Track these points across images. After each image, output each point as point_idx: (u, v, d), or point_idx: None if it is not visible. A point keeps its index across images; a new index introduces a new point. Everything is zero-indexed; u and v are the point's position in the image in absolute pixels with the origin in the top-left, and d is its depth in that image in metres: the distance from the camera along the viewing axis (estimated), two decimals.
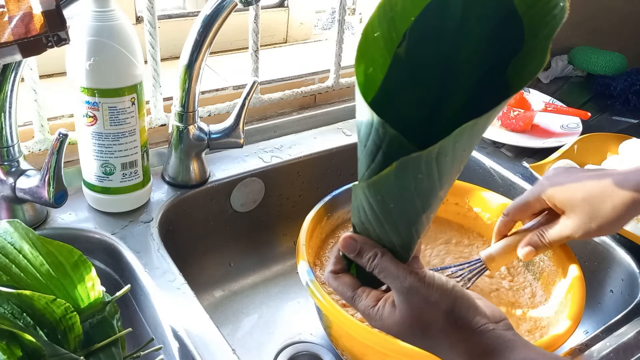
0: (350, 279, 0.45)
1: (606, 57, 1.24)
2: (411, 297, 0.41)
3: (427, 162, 0.34)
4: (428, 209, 0.39)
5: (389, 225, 0.41)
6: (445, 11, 0.36)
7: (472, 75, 0.39)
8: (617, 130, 1.04)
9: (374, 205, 0.39)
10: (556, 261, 0.69)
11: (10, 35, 0.51)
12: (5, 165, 0.62)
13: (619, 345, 0.61)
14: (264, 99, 0.90)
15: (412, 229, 0.41)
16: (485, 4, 0.35)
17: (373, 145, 0.36)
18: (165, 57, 0.92)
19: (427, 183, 0.36)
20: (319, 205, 0.72)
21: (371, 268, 0.43)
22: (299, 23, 1.09)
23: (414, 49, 0.38)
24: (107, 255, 0.68)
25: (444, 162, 0.34)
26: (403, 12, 0.36)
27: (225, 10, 0.66)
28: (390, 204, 0.38)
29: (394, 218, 0.40)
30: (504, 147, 0.94)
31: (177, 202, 0.75)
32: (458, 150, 0.34)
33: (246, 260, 0.87)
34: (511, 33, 0.35)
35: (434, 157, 0.33)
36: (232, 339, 0.76)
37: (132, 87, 0.63)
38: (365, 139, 0.36)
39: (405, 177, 0.35)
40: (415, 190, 0.36)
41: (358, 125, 0.37)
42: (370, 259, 0.43)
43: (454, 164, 0.36)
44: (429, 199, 0.38)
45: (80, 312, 0.50)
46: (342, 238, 0.44)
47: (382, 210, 0.39)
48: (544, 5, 0.33)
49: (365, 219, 0.42)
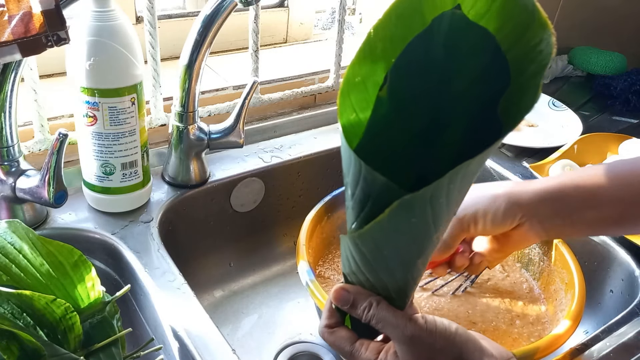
0: (347, 332, 0.43)
1: (606, 57, 1.24)
2: (414, 346, 0.40)
3: (421, 205, 0.32)
4: (423, 255, 0.38)
5: (383, 273, 0.39)
6: (427, 50, 0.35)
7: (460, 112, 0.37)
8: (617, 130, 1.04)
9: (367, 254, 0.37)
10: (556, 261, 0.69)
11: (10, 35, 0.51)
12: (5, 165, 0.62)
13: (619, 345, 0.61)
14: (264, 99, 0.90)
15: (408, 275, 0.39)
16: (468, 40, 0.34)
17: (362, 194, 0.34)
18: (165, 57, 0.92)
19: (421, 227, 0.34)
20: (319, 205, 0.72)
21: (367, 319, 0.41)
22: (299, 23, 1.09)
23: (397, 89, 0.36)
24: (107, 255, 0.68)
25: (438, 204, 0.33)
26: (383, 54, 0.35)
27: (225, 10, 0.66)
28: (384, 251, 0.36)
29: (388, 265, 0.38)
30: (504, 147, 0.94)
31: (177, 202, 0.75)
32: (453, 192, 0.33)
33: (246, 260, 0.87)
34: (497, 70, 0.33)
35: (427, 200, 0.32)
36: (232, 339, 0.76)
37: (132, 87, 0.63)
38: (353, 187, 0.35)
39: (399, 222, 0.34)
40: (409, 235, 0.35)
41: (345, 173, 0.36)
42: (365, 309, 0.41)
43: (449, 206, 0.34)
44: (424, 243, 0.36)
45: (80, 312, 0.50)
46: (334, 290, 0.42)
47: (376, 258, 0.37)
48: (527, 42, 0.32)
49: (357, 269, 0.40)
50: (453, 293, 0.70)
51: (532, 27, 0.31)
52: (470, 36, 0.34)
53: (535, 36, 0.31)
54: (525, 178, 0.86)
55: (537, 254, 0.73)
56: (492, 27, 0.33)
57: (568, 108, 1.06)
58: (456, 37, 0.34)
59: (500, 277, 0.73)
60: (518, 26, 0.32)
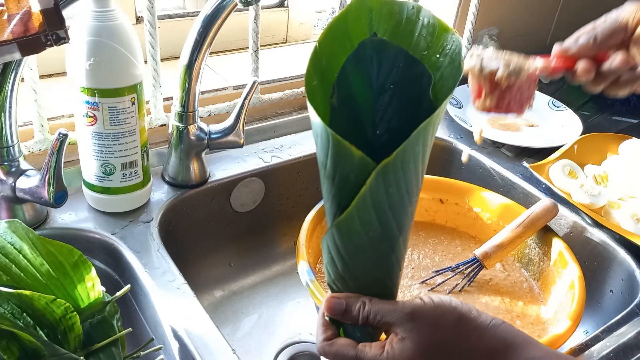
0: (346, 340, 0.43)
1: None
2: (416, 322, 0.40)
3: (394, 172, 0.36)
4: (402, 230, 0.40)
5: (368, 261, 0.41)
6: (360, 66, 0.42)
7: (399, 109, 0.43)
8: (617, 130, 1.04)
9: (351, 243, 0.40)
10: (556, 261, 0.69)
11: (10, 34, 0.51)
12: (5, 165, 0.62)
13: (619, 345, 0.61)
14: (264, 99, 0.89)
15: (393, 257, 0.41)
16: (389, 56, 0.42)
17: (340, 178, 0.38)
18: (165, 57, 0.92)
19: (397, 197, 0.37)
20: (319, 205, 0.72)
21: (364, 316, 0.42)
22: (299, 23, 1.09)
23: (343, 100, 0.41)
24: (107, 255, 0.68)
25: (409, 170, 0.37)
26: (328, 67, 0.40)
27: (225, 10, 0.66)
28: (369, 232, 0.39)
29: (374, 248, 0.40)
30: (504, 147, 0.94)
31: (177, 202, 0.75)
32: (418, 157, 0.37)
33: (246, 260, 0.87)
34: (417, 71, 0.41)
35: (399, 166, 0.36)
36: (232, 339, 0.76)
37: (132, 87, 0.63)
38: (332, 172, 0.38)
39: (379, 195, 0.37)
40: (389, 208, 0.38)
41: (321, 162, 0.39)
42: (360, 308, 0.42)
43: (417, 174, 0.38)
44: (402, 217, 0.39)
45: (80, 312, 0.50)
46: (325, 301, 0.43)
47: (360, 245, 0.40)
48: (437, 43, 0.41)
49: (343, 269, 0.42)
50: (450, 291, 0.70)
51: (437, 32, 0.41)
52: (388, 54, 0.42)
53: (441, 37, 0.41)
54: (525, 178, 0.86)
55: (537, 254, 0.73)
56: (404, 43, 0.42)
57: (568, 108, 1.06)
58: (378, 57, 0.42)
59: (500, 276, 0.74)
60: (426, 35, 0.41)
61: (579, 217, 0.79)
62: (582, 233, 0.77)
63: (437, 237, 0.80)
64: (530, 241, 0.74)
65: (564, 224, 0.79)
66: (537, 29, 1.31)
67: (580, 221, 0.78)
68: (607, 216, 0.78)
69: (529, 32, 1.28)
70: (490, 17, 1.15)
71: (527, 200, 0.83)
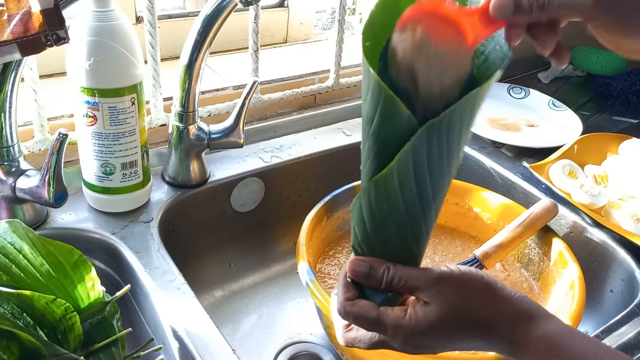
0: (367, 302, 0.42)
1: (606, 57, 1.24)
2: (442, 286, 0.40)
3: (439, 133, 0.37)
4: (437, 198, 0.40)
5: (399, 224, 0.40)
6: None
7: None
8: (617, 130, 1.04)
9: (386, 201, 0.39)
10: (556, 261, 0.69)
11: (10, 34, 0.51)
12: (5, 165, 0.62)
13: (619, 345, 0.61)
14: (264, 99, 0.89)
15: (422, 224, 0.41)
16: None
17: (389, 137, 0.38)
18: (165, 57, 0.92)
19: (437, 161, 0.38)
20: (319, 205, 0.72)
21: (389, 280, 0.41)
22: (299, 23, 1.09)
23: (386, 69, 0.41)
24: (107, 255, 0.68)
25: (453, 135, 0.37)
26: (380, 34, 0.40)
27: (225, 10, 0.66)
28: (405, 192, 0.39)
29: (406, 210, 0.40)
30: (504, 147, 0.94)
31: (177, 202, 0.75)
32: (463, 124, 0.37)
33: (246, 260, 0.87)
34: None
35: (444, 128, 0.36)
36: (232, 339, 0.76)
37: (132, 87, 0.63)
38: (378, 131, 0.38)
39: (421, 152, 0.37)
40: (428, 170, 0.38)
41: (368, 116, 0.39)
42: (384, 272, 0.41)
43: (459, 142, 0.39)
44: (439, 182, 0.39)
45: (80, 312, 0.50)
46: (349, 262, 0.42)
47: (394, 204, 0.39)
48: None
49: (372, 229, 0.41)
50: None
51: None
52: None
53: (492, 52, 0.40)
54: (525, 178, 0.86)
55: (537, 254, 0.73)
56: None
57: (568, 108, 1.06)
58: None
59: (500, 276, 0.74)
60: None
61: (579, 217, 0.79)
62: (582, 233, 0.77)
63: (437, 237, 0.80)
64: (530, 241, 0.74)
65: (564, 224, 0.79)
66: None
67: (580, 221, 0.78)
68: (607, 216, 0.78)
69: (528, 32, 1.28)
70: None
71: (527, 200, 0.83)
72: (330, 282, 0.71)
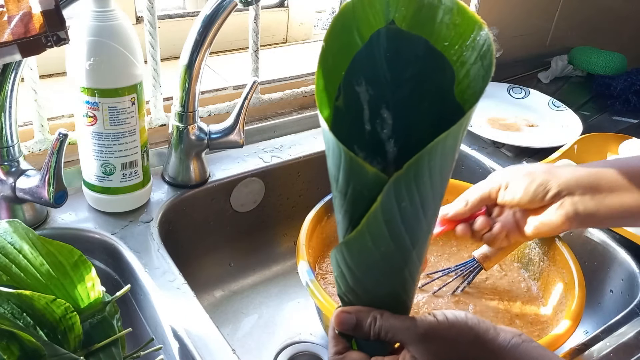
0: (358, 354, 0.41)
1: (606, 57, 1.24)
2: (430, 342, 0.39)
3: (407, 185, 0.33)
4: (417, 245, 0.38)
5: (381, 275, 0.39)
6: (371, 62, 0.39)
7: (416, 110, 0.40)
8: (617, 130, 1.04)
9: (362, 260, 0.38)
10: (556, 261, 0.69)
11: (10, 35, 0.51)
12: (5, 165, 0.62)
13: (619, 345, 0.61)
14: (264, 99, 0.90)
15: (406, 271, 0.39)
16: (405, 48, 0.38)
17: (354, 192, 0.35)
18: (165, 57, 0.92)
19: (410, 211, 0.35)
20: (319, 205, 0.72)
21: (376, 333, 0.40)
22: (299, 23, 1.09)
23: (350, 100, 0.39)
24: (107, 255, 0.68)
25: (423, 184, 0.34)
26: (334, 66, 0.38)
27: (225, 10, 0.66)
28: (381, 247, 0.36)
29: (386, 263, 0.38)
30: (504, 147, 0.94)
31: (177, 202, 0.75)
32: (434, 170, 0.34)
33: (246, 260, 0.87)
34: (437, 66, 0.38)
35: (412, 179, 0.33)
36: (232, 339, 0.76)
37: (132, 87, 0.63)
38: (344, 186, 0.36)
39: (391, 209, 0.34)
40: (402, 223, 0.35)
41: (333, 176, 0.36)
42: (371, 324, 0.40)
43: (433, 188, 0.35)
44: (416, 231, 0.37)
45: (80, 312, 0.50)
46: (335, 316, 0.41)
47: (371, 261, 0.38)
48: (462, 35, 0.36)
49: (354, 282, 0.40)
50: (452, 293, 0.70)
51: (462, 23, 0.36)
52: (406, 44, 0.38)
53: (469, 29, 0.36)
54: None
55: (537, 254, 0.73)
56: (425, 33, 0.37)
57: (568, 108, 1.06)
58: (394, 48, 0.38)
59: (497, 276, 0.73)
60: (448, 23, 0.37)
61: None
62: (582, 233, 0.77)
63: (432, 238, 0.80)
64: (530, 241, 0.73)
65: None
66: (537, 29, 1.31)
67: None
68: None
69: (528, 32, 1.28)
70: (490, 17, 1.15)
71: None
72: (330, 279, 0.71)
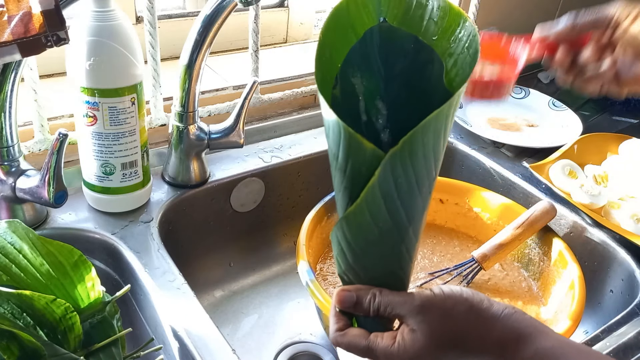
0: (358, 330, 0.43)
1: None
2: (427, 313, 0.41)
3: (402, 161, 0.36)
4: (413, 221, 0.40)
5: (379, 252, 0.41)
6: (365, 56, 0.41)
7: (409, 99, 0.42)
8: (617, 130, 1.04)
9: (361, 235, 0.40)
10: (556, 261, 0.69)
11: (10, 35, 0.51)
12: (5, 165, 0.62)
13: (619, 345, 0.61)
14: (264, 99, 0.90)
15: (402, 247, 0.41)
16: (396, 43, 0.41)
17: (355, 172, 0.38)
18: (165, 57, 0.92)
19: (406, 187, 0.37)
20: (319, 205, 0.72)
21: (375, 308, 0.42)
22: (299, 23, 1.09)
23: (347, 90, 0.41)
24: (107, 255, 0.68)
25: (417, 160, 0.37)
26: (331, 59, 0.40)
27: (225, 10, 0.66)
28: (379, 223, 0.39)
29: (384, 239, 0.40)
30: (504, 147, 0.94)
31: (177, 202, 0.75)
32: (427, 147, 0.37)
33: (246, 260, 0.87)
34: (427, 58, 0.41)
35: (407, 155, 0.36)
36: (232, 339, 0.76)
37: (132, 87, 0.63)
38: (344, 167, 0.38)
39: (388, 185, 0.36)
40: (398, 198, 0.38)
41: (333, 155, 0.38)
42: (370, 301, 0.42)
43: (426, 166, 0.38)
44: (412, 207, 0.39)
45: (80, 312, 0.50)
46: (335, 294, 0.43)
47: (369, 236, 0.40)
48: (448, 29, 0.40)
49: (354, 260, 0.42)
50: None
51: (448, 16, 0.40)
52: (398, 40, 0.41)
53: (455, 23, 0.40)
54: (525, 178, 0.86)
55: (537, 254, 0.73)
56: (415, 30, 0.41)
57: (568, 108, 1.06)
58: (386, 43, 0.41)
59: (499, 276, 0.74)
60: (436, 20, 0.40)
61: (579, 217, 0.79)
62: (582, 233, 0.77)
63: (435, 237, 0.80)
64: (530, 241, 0.74)
65: (564, 224, 0.79)
66: None
67: (580, 221, 0.78)
68: (607, 216, 0.78)
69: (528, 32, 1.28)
70: (490, 17, 1.15)
71: (527, 201, 0.83)
72: (330, 279, 0.71)
